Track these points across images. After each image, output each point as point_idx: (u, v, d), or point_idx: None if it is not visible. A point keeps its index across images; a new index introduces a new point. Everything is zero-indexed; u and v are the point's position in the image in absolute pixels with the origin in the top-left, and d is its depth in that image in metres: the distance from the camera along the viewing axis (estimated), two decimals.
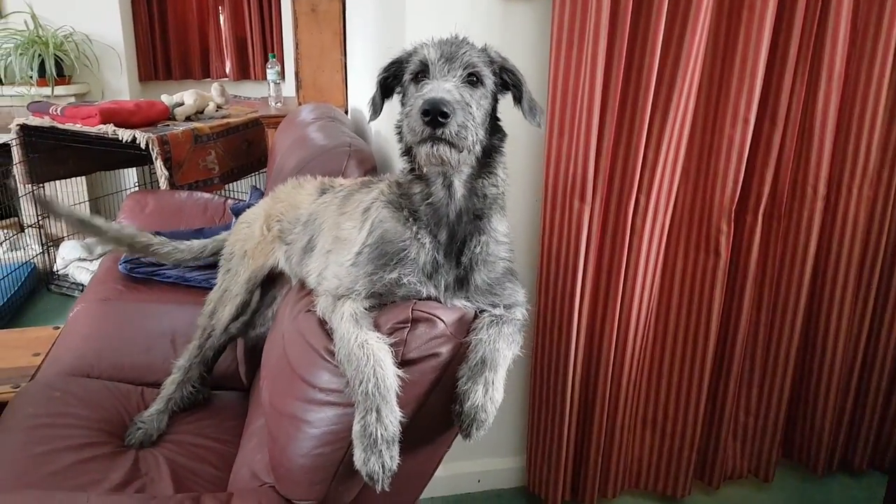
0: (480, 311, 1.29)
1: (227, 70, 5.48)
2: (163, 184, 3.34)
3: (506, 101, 1.33)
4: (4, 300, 3.56)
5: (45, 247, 4.17)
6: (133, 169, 4.58)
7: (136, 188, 4.60)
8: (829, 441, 2.42)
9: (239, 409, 1.92)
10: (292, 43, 4.15)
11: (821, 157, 2.06)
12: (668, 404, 2.28)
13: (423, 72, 1.21)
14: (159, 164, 3.29)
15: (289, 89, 4.97)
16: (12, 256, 4.15)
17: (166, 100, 3.81)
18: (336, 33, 4.03)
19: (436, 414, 1.27)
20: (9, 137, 3.70)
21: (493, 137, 1.26)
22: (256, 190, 3.65)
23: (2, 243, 4.21)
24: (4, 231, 4.37)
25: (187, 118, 3.79)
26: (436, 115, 1.09)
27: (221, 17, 5.38)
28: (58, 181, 4.13)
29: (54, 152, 3.79)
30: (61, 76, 4.44)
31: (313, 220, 1.62)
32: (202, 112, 3.91)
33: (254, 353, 1.93)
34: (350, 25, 3.64)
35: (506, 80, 1.29)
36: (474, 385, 1.21)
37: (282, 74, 4.85)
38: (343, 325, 1.21)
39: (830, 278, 2.23)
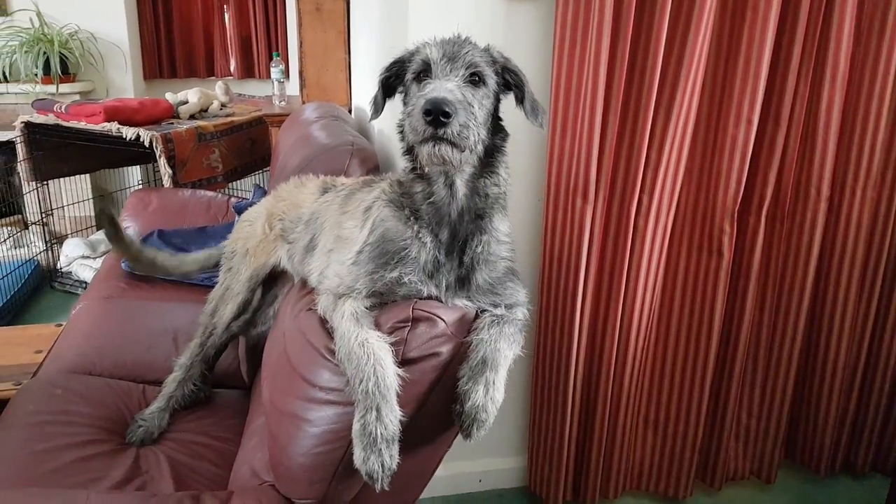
0: (481, 311, 1.29)
1: (231, 68, 5.49)
2: (166, 182, 3.34)
3: (508, 100, 1.33)
4: (8, 297, 3.57)
5: (49, 244, 4.18)
6: (137, 167, 4.59)
7: (139, 186, 4.61)
8: (832, 443, 2.41)
9: (240, 407, 1.92)
10: (296, 42, 4.16)
11: (824, 157, 2.05)
12: (670, 405, 2.27)
13: (425, 71, 1.21)
14: (163, 162, 3.30)
15: (293, 88, 4.98)
16: (16, 254, 4.17)
17: (170, 98, 3.82)
18: (340, 32, 4.04)
19: (436, 413, 1.27)
20: (13, 135, 3.71)
21: (495, 137, 1.26)
22: (259, 188, 3.65)
23: (5, 240, 4.23)
24: (8, 228, 4.38)
25: (191, 116, 3.79)
26: (438, 114, 1.08)
27: (226, 16, 5.39)
28: (62, 179, 4.15)
29: (58, 150, 3.79)
30: (66, 74, 4.45)
31: (315, 219, 1.62)
32: (206, 110, 3.92)
33: (255, 352, 1.93)
34: (354, 24, 3.64)
35: (508, 81, 1.29)
36: (475, 385, 1.21)
37: (286, 73, 4.86)
38: (344, 324, 1.21)
39: (833, 279, 2.22)
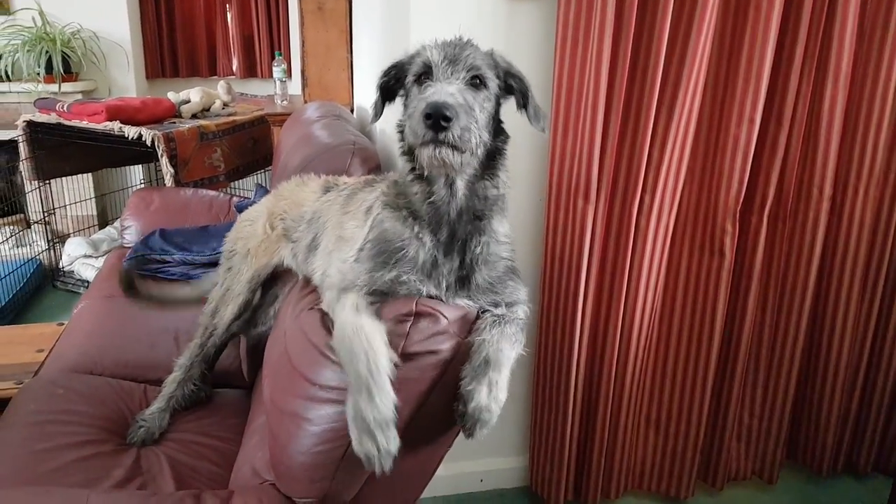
0: (483, 311, 1.29)
1: (233, 68, 5.49)
2: (168, 181, 3.34)
3: (509, 102, 1.33)
4: (10, 296, 3.58)
5: (51, 243, 4.19)
6: (139, 166, 4.59)
7: (141, 185, 4.61)
8: (834, 443, 2.41)
9: (240, 406, 1.92)
10: (298, 41, 4.16)
11: (827, 157, 2.05)
12: (672, 405, 2.27)
13: (425, 73, 1.20)
14: (165, 162, 3.30)
15: (295, 87, 4.99)
16: (18, 253, 4.18)
17: (172, 97, 3.82)
18: (342, 31, 4.04)
19: (437, 413, 1.27)
20: (15, 134, 3.72)
21: (496, 140, 1.26)
22: (261, 188, 3.65)
23: (8, 239, 4.23)
24: (11, 227, 4.39)
25: (193, 116, 3.79)
26: (438, 118, 1.07)
27: (228, 15, 5.39)
28: (64, 178, 4.15)
29: (61, 149, 3.80)
30: (68, 73, 4.46)
31: (317, 219, 1.62)
32: (208, 109, 3.92)
33: (256, 351, 1.93)
34: (356, 23, 3.64)
35: (510, 85, 1.28)
36: (478, 386, 1.20)
37: (288, 72, 4.86)
38: (343, 314, 1.21)
39: (836, 279, 2.22)
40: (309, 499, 1.29)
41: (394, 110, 1.36)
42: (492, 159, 1.25)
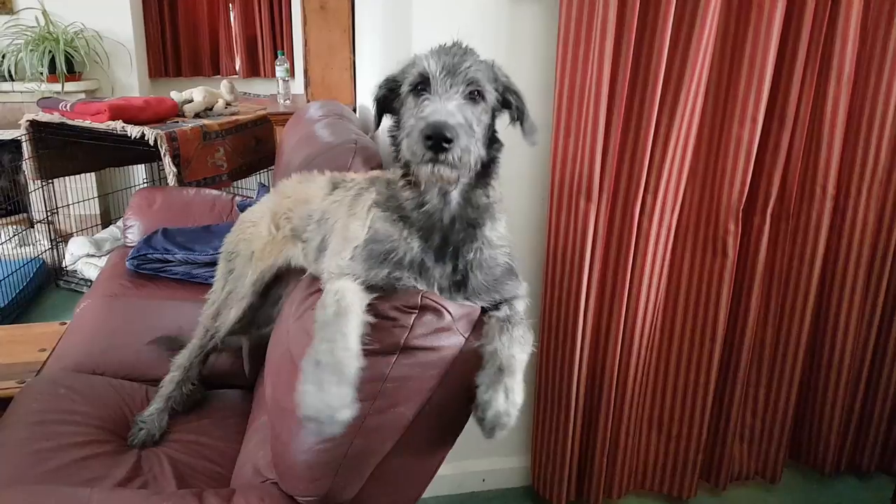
0: (484, 312, 1.29)
1: (236, 67, 5.50)
2: (171, 180, 3.34)
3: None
4: (13, 295, 3.58)
5: (54, 242, 4.19)
6: (142, 165, 4.60)
7: (144, 185, 4.61)
8: (837, 443, 2.40)
9: (240, 407, 1.92)
10: (301, 40, 4.17)
11: (830, 157, 2.04)
12: (675, 405, 2.26)
13: (422, 84, 1.17)
14: (168, 161, 3.30)
15: (298, 87, 4.99)
16: (21, 252, 4.19)
17: (175, 97, 3.82)
18: (345, 31, 4.04)
19: (439, 413, 1.27)
20: (19, 133, 3.72)
21: (490, 149, 1.24)
22: (264, 187, 3.66)
23: (11, 238, 4.24)
24: (14, 227, 4.40)
25: (196, 115, 3.79)
26: (439, 140, 1.05)
27: (231, 15, 5.40)
28: (67, 177, 4.16)
29: (64, 148, 3.81)
30: (71, 73, 4.46)
31: (326, 220, 1.60)
32: (211, 109, 3.92)
33: (258, 351, 1.93)
34: (359, 23, 3.64)
35: (508, 100, 1.27)
36: (495, 393, 1.20)
37: (291, 72, 4.87)
38: (329, 284, 1.20)
39: (839, 279, 2.21)
40: (310, 497, 1.29)
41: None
42: (486, 167, 1.24)
